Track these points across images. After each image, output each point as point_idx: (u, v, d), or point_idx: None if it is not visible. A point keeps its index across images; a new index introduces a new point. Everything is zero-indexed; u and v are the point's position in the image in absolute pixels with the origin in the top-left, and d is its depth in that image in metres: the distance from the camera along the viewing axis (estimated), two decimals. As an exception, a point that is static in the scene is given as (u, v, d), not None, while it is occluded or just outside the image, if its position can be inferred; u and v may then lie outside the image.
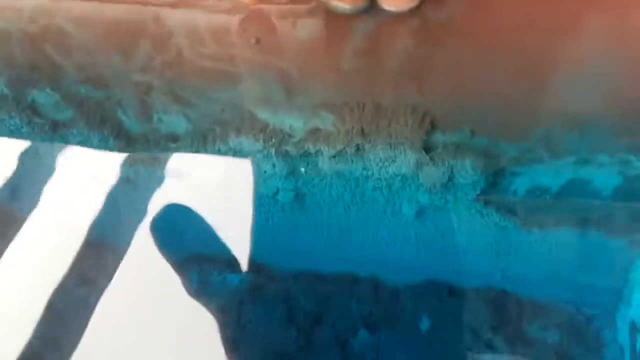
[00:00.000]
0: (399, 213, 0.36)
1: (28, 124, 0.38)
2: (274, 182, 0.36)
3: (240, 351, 0.35)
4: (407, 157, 0.33)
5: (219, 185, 0.39)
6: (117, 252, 0.38)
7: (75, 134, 0.38)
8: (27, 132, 0.38)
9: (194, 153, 0.37)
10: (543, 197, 0.33)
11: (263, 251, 0.38)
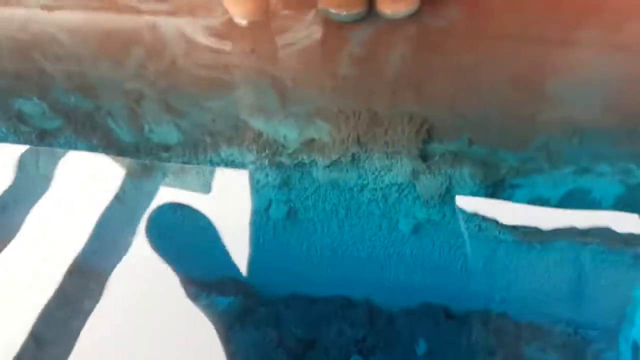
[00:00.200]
0: (395, 229, 0.35)
1: (14, 133, 0.37)
2: (266, 194, 0.35)
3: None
4: (403, 166, 0.32)
5: (210, 202, 0.38)
6: (102, 276, 0.37)
7: (63, 143, 0.37)
8: (14, 141, 0.37)
9: (185, 163, 0.36)
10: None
11: (253, 273, 0.37)
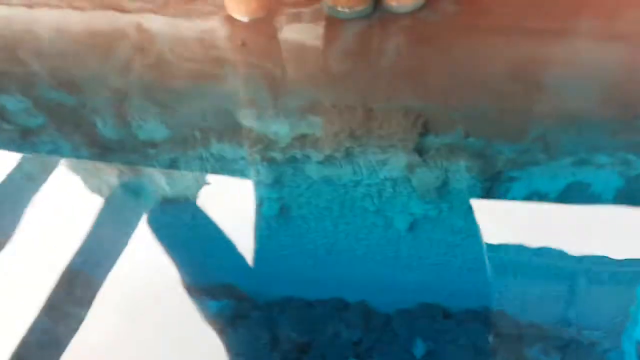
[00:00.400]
0: (390, 227, 0.34)
1: (-4, 131, 0.36)
2: (258, 191, 0.34)
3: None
4: (398, 160, 0.32)
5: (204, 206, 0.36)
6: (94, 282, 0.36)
7: (46, 141, 0.36)
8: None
9: (174, 160, 0.35)
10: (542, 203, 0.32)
11: (246, 277, 0.36)
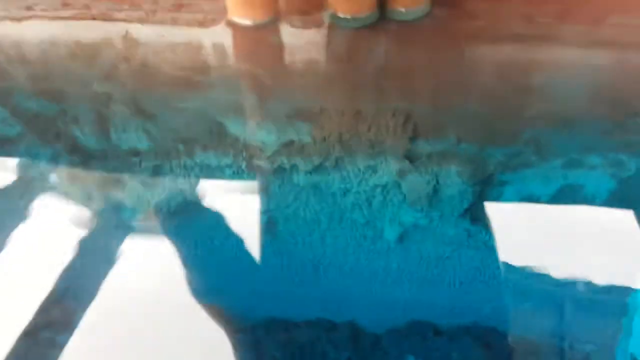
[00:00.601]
0: (380, 238, 0.33)
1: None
2: (243, 202, 0.33)
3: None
4: (389, 167, 0.31)
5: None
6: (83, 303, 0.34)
7: (23, 151, 0.34)
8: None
9: (156, 168, 0.33)
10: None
11: (229, 295, 0.34)
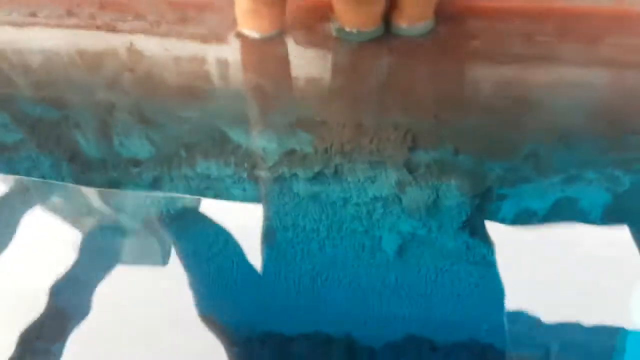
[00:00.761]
0: (378, 249, 0.34)
1: (-30, 147, 0.35)
2: (243, 212, 0.33)
3: None
4: (388, 177, 0.31)
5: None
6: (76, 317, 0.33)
7: (24, 158, 0.34)
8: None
9: (157, 177, 0.34)
10: (531, 222, 0.32)
11: (225, 309, 0.34)
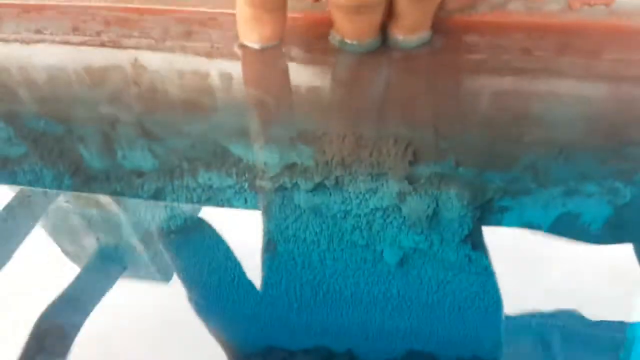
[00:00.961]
0: (380, 261, 0.34)
1: (-26, 159, 0.35)
2: (244, 224, 0.34)
3: None
4: (389, 189, 0.31)
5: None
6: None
7: (27, 170, 0.35)
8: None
9: (159, 190, 0.34)
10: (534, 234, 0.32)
11: (227, 322, 0.34)
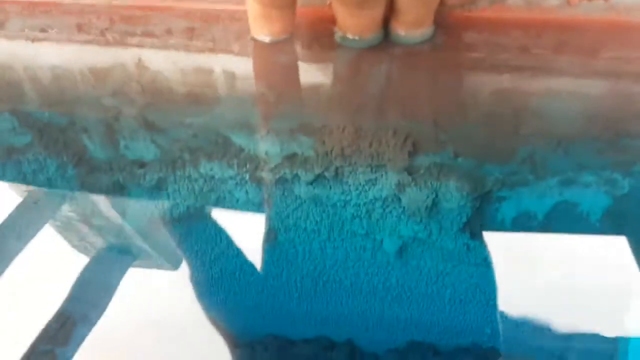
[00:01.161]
0: (379, 250, 0.34)
1: (-21, 149, 0.36)
2: (246, 214, 0.34)
3: None
4: (388, 179, 0.32)
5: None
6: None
7: (31, 160, 0.35)
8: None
9: (161, 179, 0.34)
10: (531, 225, 0.32)
11: (228, 311, 0.34)
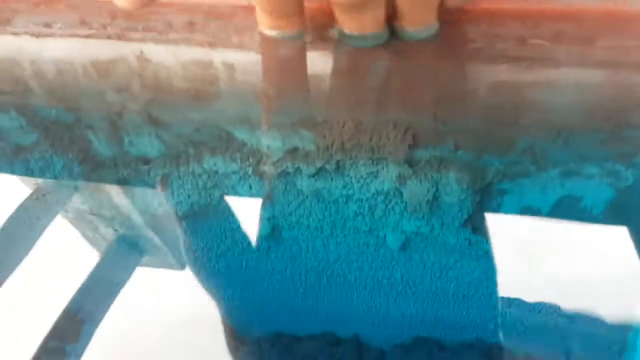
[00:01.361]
0: (383, 246, 0.34)
1: (-13, 148, 0.36)
2: (249, 209, 0.34)
3: None
4: (389, 172, 0.32)
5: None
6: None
7: (38, 158, 0.36)
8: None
9: (166, 175, 0.34)
10: (533, 218, 0.32)
11: (234, 308, 0.35)
